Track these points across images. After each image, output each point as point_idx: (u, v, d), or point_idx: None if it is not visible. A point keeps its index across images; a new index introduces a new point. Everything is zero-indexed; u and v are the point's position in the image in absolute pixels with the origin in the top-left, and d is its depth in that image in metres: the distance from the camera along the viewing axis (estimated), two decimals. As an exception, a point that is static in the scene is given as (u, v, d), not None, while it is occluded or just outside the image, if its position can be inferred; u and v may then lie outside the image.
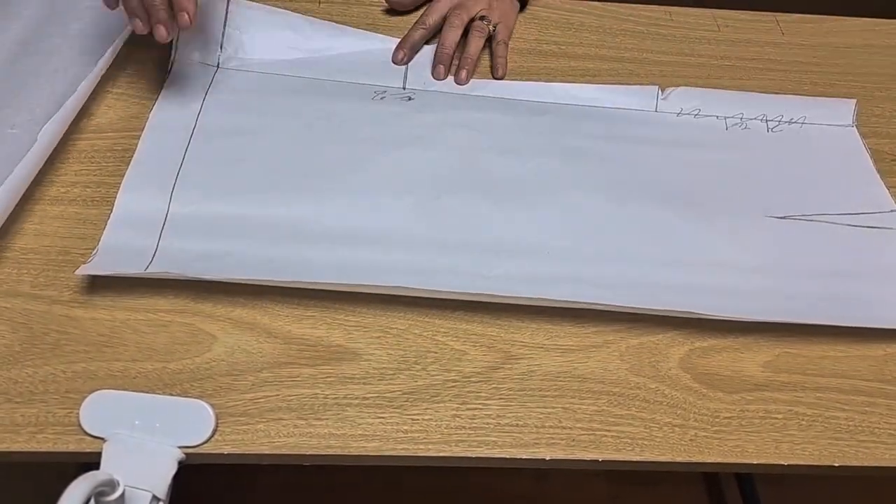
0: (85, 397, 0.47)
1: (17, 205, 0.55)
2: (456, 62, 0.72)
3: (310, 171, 0.55)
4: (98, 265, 0.52)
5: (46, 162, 0.57)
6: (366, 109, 0.67)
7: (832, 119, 0.72)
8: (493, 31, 0.73)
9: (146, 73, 0.67)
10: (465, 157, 0.64)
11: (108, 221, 0.56)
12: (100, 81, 0.63)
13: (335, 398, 0.50)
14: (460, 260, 0.55)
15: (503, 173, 0.63)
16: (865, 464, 0.50)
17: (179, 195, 0.57)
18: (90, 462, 0.46)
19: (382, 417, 0.49)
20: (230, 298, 0.54)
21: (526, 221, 0.59)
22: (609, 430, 0.50)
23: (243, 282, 0.53)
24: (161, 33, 0.56)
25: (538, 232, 0.59)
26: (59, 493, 0.40)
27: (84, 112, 0.62)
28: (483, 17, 0.73)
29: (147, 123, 0.63)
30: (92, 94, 0.63)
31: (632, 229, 0.60)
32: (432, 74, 0.71)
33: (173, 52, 0.68)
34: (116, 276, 0.53)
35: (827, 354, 0.55)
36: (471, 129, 0.66)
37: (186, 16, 0.56)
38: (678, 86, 0.73)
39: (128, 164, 0.59)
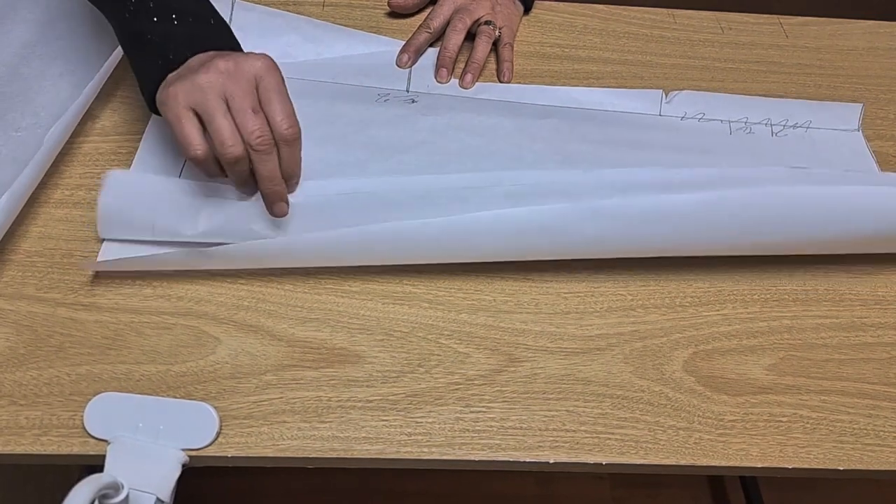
0: (89, 400, 0.47)
1: (22, 208, 0.55)
2: (460, 66, 0.72)
3: (311, 174, 0.55)
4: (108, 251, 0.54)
5: (51, 165, 0.58)
6: (369, 112, 0.67)
7: (838, 124, 0.72)
8: (499, 35, 0.74)
9: (150, 77, 0.68)
10: (468, 161, 0.64)
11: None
12: (104, 85, 0.64)
13: (339, 401, 0.50)
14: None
15: (507, 177, 0.63)
16: (870, 467, 0.50)
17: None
18: (94, 464, 0.46)
19: (386, 420, 0.49)
20: (234, 301, 0.54)
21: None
22: (613, 433, 0.50)
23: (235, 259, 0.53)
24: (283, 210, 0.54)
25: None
26: (62, 496, 0.40)
27: (89, 115, 0.62)
28: (488, 21, 0.73)
29: (148, 127, 0.63)
30: (96, 97, 0.63)
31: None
32: (435, 78, 0.71)
33: None
34: (123, 267, 0.54)
35: (831, 357, 0.55)
36: (474, 133, 0.66)
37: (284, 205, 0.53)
38: (682, 88, 0.72)
39: (131, 166, 0.60)
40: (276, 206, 0.53)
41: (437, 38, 0.74)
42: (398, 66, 0.72)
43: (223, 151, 0.49)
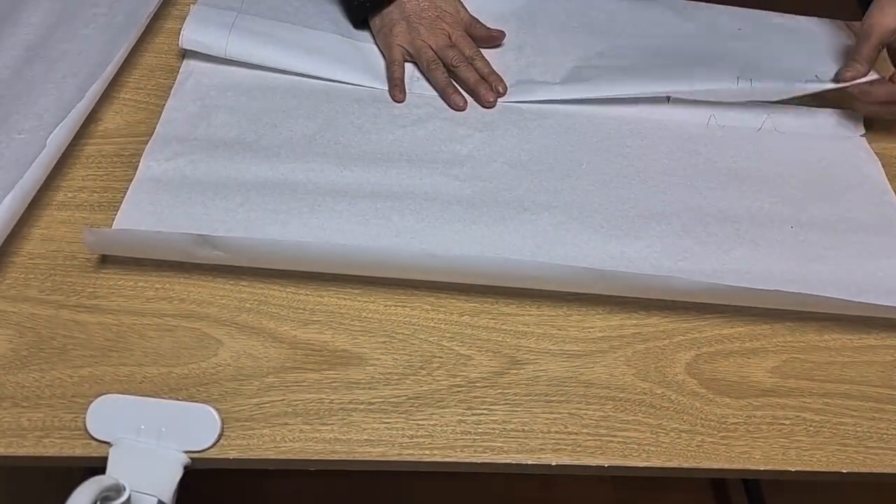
0: (91, 402, 0.47)
1: (24, 210, 0.55)
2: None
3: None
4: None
5: (54, 167, 0.58)
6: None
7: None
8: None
9: (153, 79, 0.68)
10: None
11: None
12: (107, 87, 0.64)
13: (341, 403, 0.50)
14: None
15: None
16: (874, 470, 0.50)
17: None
18: (96, 466, 0.46)
19: (388, 423, 0.49)
20: (236, 304, 0.54)
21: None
22: (615, 436, 0.50)
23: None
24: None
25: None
26: (64, 498, 0.40)
27: (91, 117, 0.63)
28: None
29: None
30: (99, 99, 0.63)
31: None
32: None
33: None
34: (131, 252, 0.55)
35: (834, 360, 0.55)
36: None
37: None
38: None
39: (135, 168, 0.60)
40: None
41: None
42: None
43: None
